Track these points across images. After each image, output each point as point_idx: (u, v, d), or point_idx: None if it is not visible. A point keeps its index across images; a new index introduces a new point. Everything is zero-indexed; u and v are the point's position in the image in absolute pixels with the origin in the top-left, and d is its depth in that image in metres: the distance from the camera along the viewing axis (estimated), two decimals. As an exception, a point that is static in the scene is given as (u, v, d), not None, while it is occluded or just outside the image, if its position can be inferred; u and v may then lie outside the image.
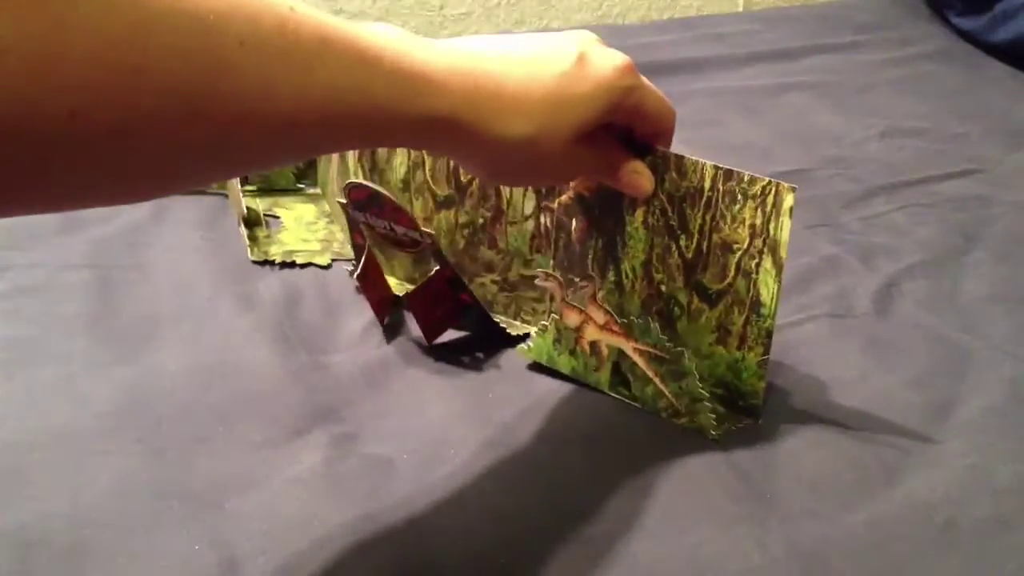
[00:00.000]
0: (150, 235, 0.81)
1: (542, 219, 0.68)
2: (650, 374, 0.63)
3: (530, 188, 0.68)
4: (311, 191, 0.89)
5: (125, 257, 0.78)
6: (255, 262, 0.78)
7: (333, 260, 0.79)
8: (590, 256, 0.64)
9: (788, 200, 0.56)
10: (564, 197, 0.64)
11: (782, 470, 0.59)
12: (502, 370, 0.67)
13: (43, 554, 0.52)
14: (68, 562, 0.51)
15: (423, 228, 0.65)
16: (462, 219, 0.72)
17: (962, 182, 0.95)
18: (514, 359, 0.68)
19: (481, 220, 0.71)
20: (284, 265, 0.78)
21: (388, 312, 0.72)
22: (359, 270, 0.71)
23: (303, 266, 0.78)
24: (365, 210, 0.68)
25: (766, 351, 0.59)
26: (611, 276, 0.64)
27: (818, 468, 0.59)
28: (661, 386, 0.62)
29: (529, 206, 0.68)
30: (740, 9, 1.66)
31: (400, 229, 0.67)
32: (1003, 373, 0.67)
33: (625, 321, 0.63)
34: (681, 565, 0.52)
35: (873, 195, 0.91)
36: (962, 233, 0.85)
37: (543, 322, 0.67)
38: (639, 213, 0.61)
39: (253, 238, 0.81)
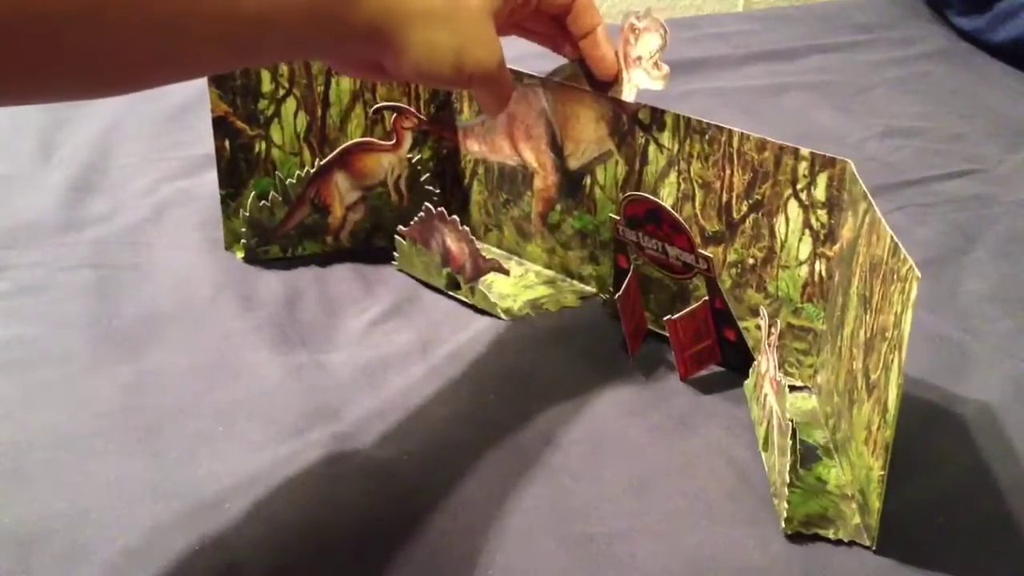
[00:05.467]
0: (150, 235, 0.81)
1: (817, 266, 0.63)
2: (772, 440, 0.57)
3: (807, 232, 0.62)
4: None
5: (125, 257, 0.78)
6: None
7: (581, 297, 0.74)
8: (836, 312, 0.59)
9: (914, 290, 0.48)
10: (837, 247, 0.60)
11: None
12: (503, 371, 0.68)
13: (43, 554, 0.52)
14: (68, 562, 0.51)
15: (701, 252, 0.62)
16: (731, 257, 0.67)
17: (962, 182, 0.95)
18: (515, 359, 0.68)
19: (751, 260, 0.66)
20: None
21: (640, 343, 0.69)
22: (620, 293, 0.66)
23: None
24: (639, 227, 0.65)
25: (884, 466, 0.51)
26: (837, 340, 0.59)
27: (818, 468, 0.59)
28: (775, 456, 0.57)
29: (804, 251, 0.63)
30: (740, 9, 1.66)
31: (673, 251, 0.64)
32: (1003, 373, 0.68)
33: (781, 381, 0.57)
34: (681, 565, 0.53)
35: (873, 195, 0.90)
36: (962, 233, 0.86)
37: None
38: (855, 279, 0.56)
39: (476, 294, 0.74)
